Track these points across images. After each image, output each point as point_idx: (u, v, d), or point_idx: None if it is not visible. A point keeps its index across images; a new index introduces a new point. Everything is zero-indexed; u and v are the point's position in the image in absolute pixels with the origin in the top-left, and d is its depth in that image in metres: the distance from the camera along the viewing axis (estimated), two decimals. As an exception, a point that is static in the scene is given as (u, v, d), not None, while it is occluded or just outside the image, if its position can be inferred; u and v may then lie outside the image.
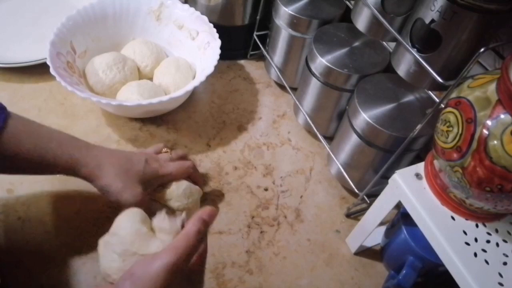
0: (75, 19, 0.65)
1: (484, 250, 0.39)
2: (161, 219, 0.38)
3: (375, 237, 0.56)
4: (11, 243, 0.51)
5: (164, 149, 0.57)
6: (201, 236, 0.35)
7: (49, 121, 0.64)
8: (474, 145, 0.34)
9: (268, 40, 0.73)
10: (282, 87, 0.76)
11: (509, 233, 0.41)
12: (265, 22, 0.74)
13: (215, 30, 0.68)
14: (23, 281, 0.49)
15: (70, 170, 0.47)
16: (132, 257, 0.36)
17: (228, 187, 0.61)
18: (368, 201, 0.56)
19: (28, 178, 0.57)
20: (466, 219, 0.41)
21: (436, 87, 0.45)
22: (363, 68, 0.57)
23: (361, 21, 0.51)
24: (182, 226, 0.38)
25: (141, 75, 0.69)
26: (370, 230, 0.51)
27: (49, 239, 0.52)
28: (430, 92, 0.51)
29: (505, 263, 0.39)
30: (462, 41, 0.40)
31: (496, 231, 0.41)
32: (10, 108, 0.65)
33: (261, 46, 0.76)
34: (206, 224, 0.36)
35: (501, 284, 0.37)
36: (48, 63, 0.58)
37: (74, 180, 0.58)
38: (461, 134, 0.35)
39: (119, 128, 0.65)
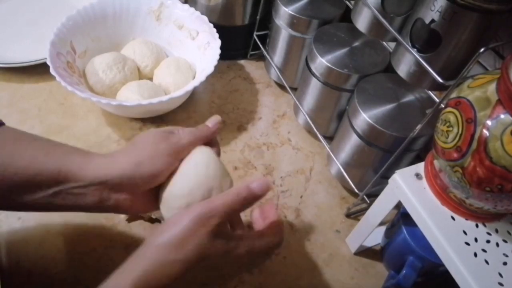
0: (75, 19, 0.65)
1: (484, 250, 0.39)
2: None
3: (375, 237, 0.56)
4: (11, 243, 0.51)
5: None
6: (243, 202, 0.36)
7: (49, 121, 0.64)
8: (474, 145, 0.34)
9: (268, 40, 0.73)
10: (282, 87, 0.76)
11: (509, 233, 0.41)
12: (265, 22, 0.74)
13: (215, 30, 0.68)
14: (23, 281, 0.49)
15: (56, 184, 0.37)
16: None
17: (228, 187, 0.61)
18: (368, 201, 0.56)
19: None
20: (466, 219, 0.41)
21: (436, 87, 0.45)
22: (363, 68, 0.57)
23: (361, 21, 0.51)
24: None
25: (141, 75, 0.69)
26: (370, 230, 0.51)
27: (49, 239, 0.52)
28: (430, 92, 0.51)
29: (505, 263, 0.39)
30: (462, 41, 0.40)
31: (496, 231, 0.41)
32: (10, 108, 0.65)
33: (261, 46, 0.76)
34: (254, 196, 0.37)
35: (501, 284, 0.37)
36: (48, 63, 0.58)
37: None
38: (461, 134, 0.35)
39: (119, 128, 0.66)
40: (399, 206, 0.47)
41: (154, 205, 0.41)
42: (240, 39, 0.77)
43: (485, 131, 0.33)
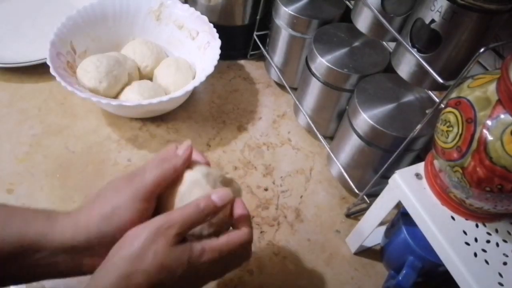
0: (75, 19, 0.65)
1: (484, 250, 0.39)
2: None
3: (375, 237, 0.56)
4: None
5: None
6: (202, 213, 0.35)
7: (49, 121, 0.64)
8: (474, 145, 0.34)
9: (268, 40, 0.73)
10: (282, 87, 0.76)
11: (509, 233, 0.41)
12: (265, 22, 0.74)
13: (215, 30, 0.68)
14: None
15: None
16: None
17: (228, 187, 0.61)
18: (368, 201, 0.56)
19: (28, 178, 0.57)
20: (466, 219, 0.41)
21: (436, 87, 0.45)
22: (363, 68, 0.57)
23: (361, 21, 0.51)
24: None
25: (141, 75, 0.69)
26: (370, 230, 0.51)
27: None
28: (430, 92, 0.51)
29: (505, 263, 0.39)
30: (462, 41, 0.40)
31: (496, 231, 0.41)
32: (10, 108, 0.65)
33: (261, 46, 0.76)
34: (214, 206, 0.35)
35: (501, 284, 0.37)
36: (48, 63, 0.58)
37: (73, 179, 0.58)
38: (461, 134, 0.35)
39: (119, 128, 0.66)
40: (399, 206, 0.47)
41: None
42: (240, 39, 0.77)
43: (485, 131, 0.33)
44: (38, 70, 0.68)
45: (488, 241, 0.40)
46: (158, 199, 0.37)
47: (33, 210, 0.36)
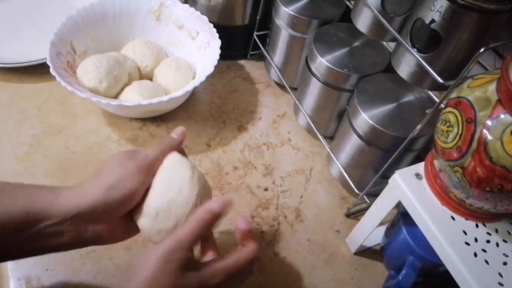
0: (75, 19, 0.65)
1: (484, 250, 0.39)
2: None
3: (375, 237, 0.56)
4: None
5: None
6: (207, 226, 0.36)
7: (49, 121, 0.64)
8: (474, 145, 0.34)
9: (268, 40, 0.73)
10: (282, 87, 0.76)
11: (509, 233, 0.41)
12: (265, 22, 0.74)
13: (215, 30, 0.68)
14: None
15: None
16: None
17: (228, 187, 0.61)
18: (368, 201, 0.56)
19: (28, 178, 0.57)
20: (466, 219, 0.41)
21: (436, 87, 0.45)
22: (363, 68, 0.57)
23: (361, 21, 0.51)
24: None
25: (141, 75, 0.69)
26: (370, 230, 0.51)
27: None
28: (430, 92, 0.51)
29: (505, 263, 0.39)
30: (462, 41, 0.40)
31: (496, 231, 0.41)
32: (10, 108, 0.65)
33: (261, 46, 0.76)
34: (217, 216, 0.37)
35: (501, 284, 0.37)
36: (48, 63, 0.58)
37: (73, 179, 0.58)
38: (461, 134, 0.35)
39: (119, 128, 0.66)
40: (399, 206, 0.47)
41: (135, 229, 0.40)
42: (240, 39, 0.77)
43: (485, 131, 0.33)
44: (38, 70, 0.68)
45: (488, 241, 0.40)
46: None
47: (37, 185, 0.38)
